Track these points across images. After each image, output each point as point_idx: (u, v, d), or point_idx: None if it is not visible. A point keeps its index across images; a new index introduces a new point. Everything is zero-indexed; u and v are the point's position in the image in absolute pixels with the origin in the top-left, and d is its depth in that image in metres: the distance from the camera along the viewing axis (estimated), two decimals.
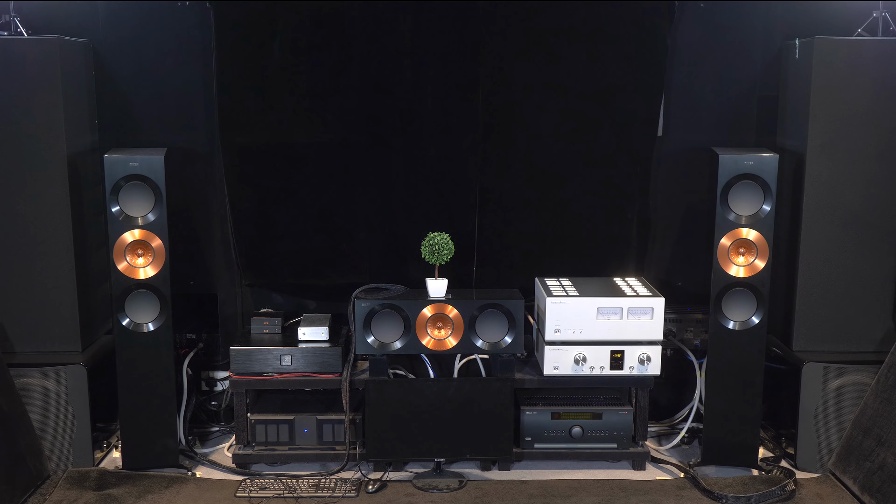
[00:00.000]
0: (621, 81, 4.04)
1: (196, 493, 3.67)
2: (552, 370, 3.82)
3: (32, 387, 3.76)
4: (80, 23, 4.04)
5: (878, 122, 3.79)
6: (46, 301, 3.84)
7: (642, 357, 3.80)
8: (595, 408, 3.93)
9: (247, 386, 3.88)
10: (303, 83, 3.99)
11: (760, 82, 4.16)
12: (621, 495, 3.66)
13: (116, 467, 3.87)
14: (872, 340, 3.91)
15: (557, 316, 3.77)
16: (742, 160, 3.70)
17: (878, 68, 3.75)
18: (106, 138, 4.08)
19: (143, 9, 4.05)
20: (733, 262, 3.76)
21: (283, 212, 4.12)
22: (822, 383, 3.82)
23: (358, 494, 3.66)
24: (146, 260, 3.72)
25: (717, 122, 4.18)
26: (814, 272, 3.88)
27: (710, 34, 4.13)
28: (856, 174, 3.82)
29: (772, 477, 3.78)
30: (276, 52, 3.96)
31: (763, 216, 3.72)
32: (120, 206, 3.68)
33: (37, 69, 3.69)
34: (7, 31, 3.87)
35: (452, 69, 4.01)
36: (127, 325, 3.74)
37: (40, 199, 3.77)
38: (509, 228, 4.15)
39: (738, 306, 3.78)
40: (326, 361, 3.87)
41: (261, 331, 4.05)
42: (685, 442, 4.17)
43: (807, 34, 3.85)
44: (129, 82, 4.11)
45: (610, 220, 4.19)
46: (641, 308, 3.79)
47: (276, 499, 3.62)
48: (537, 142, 4.10)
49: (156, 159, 3.68)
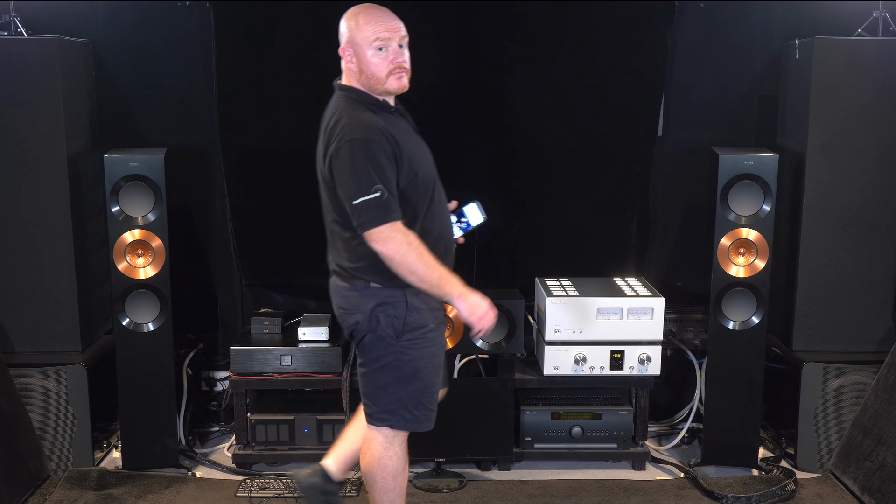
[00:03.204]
0: (621, 81, 4.04)
1: (196, 493, 3.67)
2: (552, 370, 3.82)
3: (32, 387, 3.76)
4: (80, 23, 4.04)
5: (878, 122, 3.79)
6: (46, 301, 3.84)
7: (642, 357, 3.80)
8: (595, 408, 3.93)
9: (247, 386, 3.88)
10: (303, 83, 3.99)
11: (760, 82, 4.16)
12: (621, 495, 3.66)
13: (116, 467, 3.87)
14: (872, 340, 3.91)
15: (557, 316, 3.77)
16: (742, 160, 3.70)
17: (878, 68, 3.75)
18: (106, 138, 4.08)
19: (143, 9, 4.05)
20: (733, 262, 3.76)
21: (283, 212, 4.12)
22: (822, 383, 3.82)
23: (358, 494, 3.66)
24: (146, 260, 3.72)
25: (717, 122, 4.18)
26: (814, 272, 3.88)
27: (710, 34, 4.13)
28: (856, 174, 3.82)
29: (772, 477, 3.78)
30: (276, 52, 3.96)
31: (763, 216, 3.72)
32: (120, 206, 3.68)
33: (37, 69, 3.69)
34: (7, 31, 3.87)
35: (452, 69, 4.01)
36: (127, 325, 3.74)
37: (40, 199, 3.77)
38: (509, 228, 4.15)
39: (738, 306, 3.78)
40: (326, 361, 3.87)
41: (261, 331, 4.05)
42: (685, 442, 4.17)
43: (807, 34, 3.85)
44: (129, 82, 4.11)
45: (610, 220, 4.19)
46: (641, 308, 3.79)
47: (276, 499, 3.62)
48: (537, 142, 4.10)
49: (156, 159, 3.68)
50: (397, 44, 2.83)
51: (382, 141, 2.74)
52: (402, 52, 2.85)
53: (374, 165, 2.72)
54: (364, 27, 2.81)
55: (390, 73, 2.82)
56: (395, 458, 2.99)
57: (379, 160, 2.72)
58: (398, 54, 2.83)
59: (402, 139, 2.82)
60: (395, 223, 2.74)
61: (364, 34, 2.80)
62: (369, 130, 2.75)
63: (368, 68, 2.82)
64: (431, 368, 2.97)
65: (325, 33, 3.92)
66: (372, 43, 2.80)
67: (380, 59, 2.81)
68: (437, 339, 2.98)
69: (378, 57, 2.81)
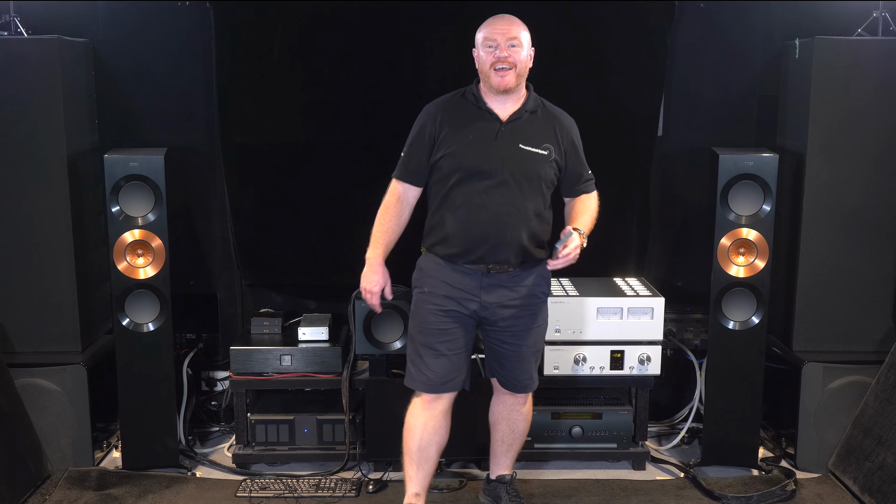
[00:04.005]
0: (621, 81, 4.04)
1: (196, 493, 3.67)
2: (552, 370, 3.82)
3: (32, 387, 3.76)
4: (80, 23, 4.04)
5: (878, 123, 3.79)
6: (46, 301, 3.84)
7: (642, 357, 3.80)
8: (595, 408, 3.93)
9: (247, 386, 3.88)
10: (303, 83, 3.99)
11: (760, 82, 4.16)
12: (621, 495, 3.66)
13: (116, 467, 3.87)
14: (872, 340, 3.91)
15: (557, 316, 3.77)
16: (742, 160, 3.70)
17: (878, 68, 3.75)
18: (106, 138, 4.08)
19: (143, 9, 4.05)
20: (733, 262, 3.75)
21: (283, 212, 4.12)
22: (822, 383, 3.82)
23: (358, 494, 3.66)
24: (146, 260, 3.72)
25: (717, 122, 4.18)
26: (814, 272, 3.88)
27: (710, 34, 4.13)
28: (856, 174, 3.82)
29: (772, 477, 3.78)
30: (276, 52, 3.96)
31: (763, 216, 3.72)
32: (120, 206, 3.68)
33: (37, 69, 3.69)
34: (7, 31, 3.87)
35: (452, 69, 4.00)
36: (127, 325, 3.74)
37: (40, 199, 3.77)
38: None
39: (738, 306, 3.78)
40: (326, 361, 3.87)
41: (261, 331, 4.05)
42: (685, 442, 4.17)
43: (807, 34, 3.85)
44: (129, 82, 4.11)
45: (610, 220, 4.18)
46: (641, 308, 3.79)
47: (276, 499, 3.62)
48: None
49: (156, 159, 3.68)
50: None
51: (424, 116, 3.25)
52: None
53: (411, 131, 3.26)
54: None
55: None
56: (409, 414, 3.33)
57: (414, 129, 3.26)
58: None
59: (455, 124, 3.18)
60: (394, 179, 3.25)
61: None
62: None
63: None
64: (417, 330, 3.26)
65: (324, 33, 3.95)
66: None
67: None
68: (425, 303, 3.23)
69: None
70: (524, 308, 3.25)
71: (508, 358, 3.31)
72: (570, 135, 3.27)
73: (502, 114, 3.18)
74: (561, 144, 3.23)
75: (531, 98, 3.23)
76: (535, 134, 3.19)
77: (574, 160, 3.29)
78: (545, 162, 3.19)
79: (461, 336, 3.24)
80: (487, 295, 3.20)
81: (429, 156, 3.19)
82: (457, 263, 3.20)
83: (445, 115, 3.18)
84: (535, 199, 3.19)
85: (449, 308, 3.21)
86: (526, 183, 3.16)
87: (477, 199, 3.13)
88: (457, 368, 3.25)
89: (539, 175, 3.18)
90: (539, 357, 3.39)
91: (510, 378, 3.36)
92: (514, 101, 3.19)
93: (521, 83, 3.18)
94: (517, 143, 3.16)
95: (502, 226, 3.15)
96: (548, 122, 3.23)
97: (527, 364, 3.33)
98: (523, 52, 3.14)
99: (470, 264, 3.18)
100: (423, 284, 3.25)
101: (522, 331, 3.27)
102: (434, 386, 3.24)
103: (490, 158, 3.11)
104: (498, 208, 3.14)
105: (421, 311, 3.25)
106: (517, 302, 3.23)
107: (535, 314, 3.29)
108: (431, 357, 3.22)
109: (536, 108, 3.23)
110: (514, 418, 3.44)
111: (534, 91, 3.25)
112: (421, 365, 3.24)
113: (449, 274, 3.20)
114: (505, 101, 3.18)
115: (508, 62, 3.10)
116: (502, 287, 3.21)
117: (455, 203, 3.16)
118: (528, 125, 3.19)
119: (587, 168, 3.36)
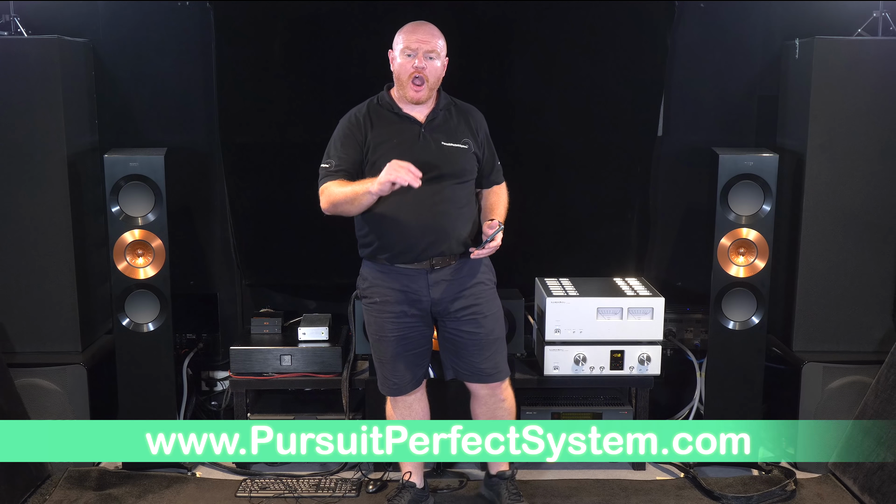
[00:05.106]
0: (621, 81, 4.04)
1: (196, 493, 3.67)
2: (552, 370, 3.82)
3: (32, 387, 3.76)
4: (80, 23, 4.04)
5: (878, 122, 3.79)
6: (46, 301, 3.84)
7: (642, 357, 3.80)
8: (595, 408, 3.93)
9: (247, 386, 3.88)
10: (303, 83, 3.99)
11: (760, 82, 4.16)
12: (621, 495, 3.66)
13: (116, 467, 3.87)
14: (872, 340, 3.91)
15: (557, 316, 3.77)
16: (742, 160, 3.70)
17: (878, 68, 3.75)
18: (106, 138, 4.08)
19: (143, 9, 4.05)
20: (733, 262, 3.76)
21: (283, 212, 4.12)
22: (822, 383, 3.82)
23: (358, 494, 3.66)
24: (146, 260, 3.72)
25: (717, 122, 4.18)
26: (814, 272, 3.88)
27: (710, 34, 4.13)
28: (856, 174, 3.82)
29: (772, 477, 3.78)
30: (276, 52, 3.96)
31: (763, 216, 3.72)
32: (120, 206, 3.68)
33: (37, 69, 3.69)
34: (7, 31, 3.88)
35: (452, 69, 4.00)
36: (127, 325, 3.74)
37: (40, 199, 3.77)
38: (509, 228, 4.14)
39: (738, 306, 3.78)
40: (326, 361, 3.87)
41: (261, 331, 4.05)
42: None
43: (807, 34, 3.85)
44: (129, 82, 4.11)
45: (610, 220, 4.19)
46: (641, 308, 3.79)
47: (276, 499, 3.62)
48: (537, 141, 4.10)
49: (156, 159, 3.68)
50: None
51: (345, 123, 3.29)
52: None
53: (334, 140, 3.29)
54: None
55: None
56: (387, 408, 3.48)
57: (335, 138, 3.29)
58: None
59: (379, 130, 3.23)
60: (327, 182, 3.23)
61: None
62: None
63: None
64: (377, 339, 3.36)
65: (324, 34, 3.95)
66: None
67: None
68: (381, 312, 3.31)
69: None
70: (475, 297, 3.33)
71: (467, 347, 3.36)
72: (483, 127, 3.42)
73: (419, 116, 3.29)
74: (477, 137, 3.35)
75: (441, 97, 3.33)
76: (453, 130, 3.31)
77: (489, 151, 3.43)
78: (467, 155, 3.31)
79: (420, 335, 3.37)
80: (436, 291, 3.28)
81: (362, 159, 3.24)
82: (401, 265, 3.26)
83: (366, 123, 3.26)
84: (464, 191, 3.31)
85: (403, 312, 3.30)
86: (453, 178, 3.26)
87: (411, 199, 3.18)
88: (420, 365, 3.40)
89: (465, 168, 3.30)
90: (502, 346, 3.42)
91: (470, 368, 3.39)
92: (427, 103, 3.30)
93: (433, 93, 3.30)
94: (439, 142, 3.27)
95: (439, 220, 3.23)
96: (461, 117, 3.35)
97: (487, 352, 3.36)
98: (439, 62, 3.25)
99: (413, 263, 3.25)
100: (374, 294, 3.33)
101: (478, 317, 3.33)
102: (402, 388, 3.39)
103: (417, 160, 3.15)
104: (433, 206, 3.22)
105: (378, 320, 3.33)
106: (466, 292, 3.31)
107: (488, 301, 3.37)
108: (396, 362, 3.35)
109: (449, 106, 3.35)
110: (497, 415, 3.46)
111: (442, 90, 3.35)
112: (387, 372, 3.37)
113: (395, 280, 3.29)
114: (419, 104, 3.28)
115: (424, 75, 3.21)
116: (448, 281, 3.29)
117: (390, 207, 3.20)
118: (444, 123, 3.31)
119: (497, 158, 3.48)
